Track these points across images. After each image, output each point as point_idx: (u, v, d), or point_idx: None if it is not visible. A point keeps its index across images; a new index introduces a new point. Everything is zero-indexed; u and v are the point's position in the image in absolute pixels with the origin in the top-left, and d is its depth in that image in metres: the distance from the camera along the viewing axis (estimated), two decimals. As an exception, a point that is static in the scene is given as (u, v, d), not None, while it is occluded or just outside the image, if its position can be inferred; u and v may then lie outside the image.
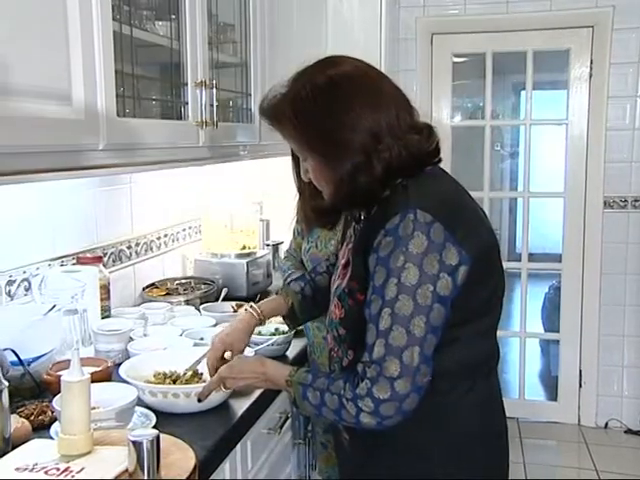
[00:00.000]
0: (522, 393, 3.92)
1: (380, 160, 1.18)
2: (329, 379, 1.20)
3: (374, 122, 1.18)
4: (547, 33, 3.59)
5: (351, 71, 1.24)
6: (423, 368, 1.13)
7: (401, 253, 1.12)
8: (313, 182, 1.28)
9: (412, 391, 1.12)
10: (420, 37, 3.70)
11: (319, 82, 1.21)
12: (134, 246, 2.34)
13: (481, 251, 1.18)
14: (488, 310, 1.25)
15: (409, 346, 1.11)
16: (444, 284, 1.12)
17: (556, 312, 3.93)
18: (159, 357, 1.61)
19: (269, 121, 1.28)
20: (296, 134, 1.24)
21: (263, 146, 2.30)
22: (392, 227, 1.13)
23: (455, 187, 1.28)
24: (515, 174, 6.73)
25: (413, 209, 1.13)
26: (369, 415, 1.13)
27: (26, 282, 1.80)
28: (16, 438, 1.23)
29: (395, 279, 1.12)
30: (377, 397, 1.11)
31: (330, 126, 1.19)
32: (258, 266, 2.59)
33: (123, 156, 1.52)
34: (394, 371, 1.11)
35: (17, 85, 1.16)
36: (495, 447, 1.31)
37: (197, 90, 1.80)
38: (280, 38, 2.39)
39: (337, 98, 1.20)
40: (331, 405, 1.18)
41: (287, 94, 1.24)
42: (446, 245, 1.12)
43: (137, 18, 1.68)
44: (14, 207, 1.76)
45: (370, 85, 1.23)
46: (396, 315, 1.12)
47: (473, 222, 1.21)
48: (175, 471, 1.07)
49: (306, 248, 2.02)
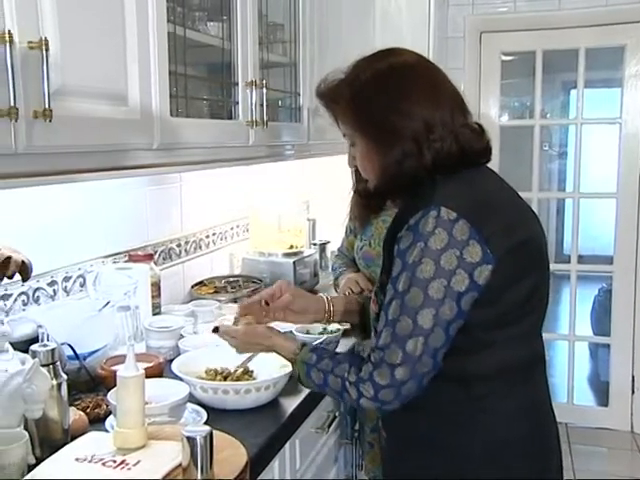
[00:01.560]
0: (571, 397, 3.83)
1: (430, 149, 1.18)
2: (333, 361, 1.21)
3: (429, 113, 1.18)
4: (601, 29, 3.49)
5: (412, 62, 1.25)
6: (425, 359, 1.12)
7: (418, 248, 1.12)
8: (359, 168, 1.29)
9: (411, 378, 1.12)
10: (469, 35, 3.66)
11: (380, 67, 1.23)
12: (183, 244, 2.37)
13: (512, 252, 1.15)
14: (526, 313, 1.21)
15: (414, 336, 1.11)
16: (459, 280, 1.11)
17: (606, 315, 3.83)
18: (210, 354, 1.62)
19: (325, 102, 1.30)
20: (351, 115, 1.24)
21: (310, 146, 2.31)
22: (413, 222, 1.14)
23: (492, 187, 1.26)
24: (563, 174, 6.59)
25: (437, 206, 1.12)
26: (369, 400, 1.15)
27: (81, 278, 1.85)
28: (74, 430, 1.26)
29: (409, 272, 1.12)
30: (377, 382, 1.13)
31: (386, 110, 1.19)
32: (305, 265, 2.60)
33: (175, 155, 1.55)
34: (395, 359, 1.11)
35: (74, 86, 1.19)
36: (535, 456, 1.26)
37: (247, 90, 1.82)
38: (329, 38, 2.39)
39: (396, 84, 1.21)
40: (334, 386, 1.20)
41: (347, 77, 1.25)
42: (470, 242, 1.11)
43: (190, 19, 1.71)
44: (68, 205, 1.81)
45: (429, 78, 1.24)
46: (405, 306, 1.12)
47: (508, 223, 1.18)
48: (227, 467, 1.08)
49: (359, 246, 2.02)
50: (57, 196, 1.75)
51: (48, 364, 1.20)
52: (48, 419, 1.20)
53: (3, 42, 1.00)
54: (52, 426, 1.20)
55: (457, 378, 1.19)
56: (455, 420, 1.20)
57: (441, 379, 1.15)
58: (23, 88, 1.05)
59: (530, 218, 1.27)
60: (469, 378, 1.19)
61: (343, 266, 2.10)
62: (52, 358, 1.22)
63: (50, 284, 1.75)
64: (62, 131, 1.15)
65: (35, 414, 1.17)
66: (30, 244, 1.48)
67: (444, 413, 1.21)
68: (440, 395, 1.18)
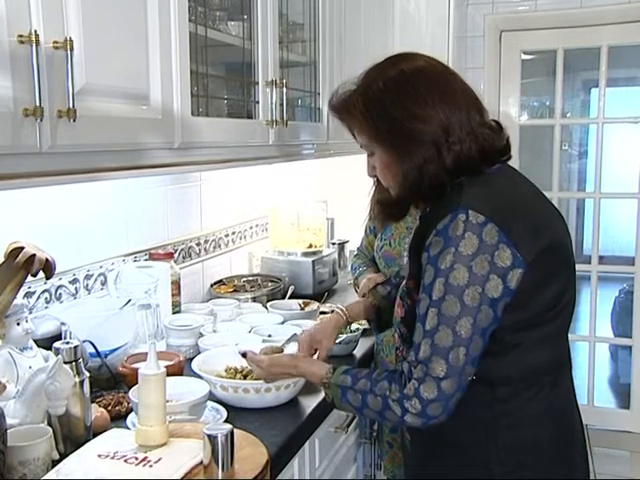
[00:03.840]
0: (591, 399, 3.79)
1: (450, 152, 1.17)
2: (371, 380, 1.19)
3: (445, 116, 1.17)
4: (625, 27, 3.44)
5: (423, 66, 1.24)
6: (468, 369, 1.11)
7: (450, 254, 1.10)
8: (379, 177, 1.28)
9: (457, 390, 1.11)
10: (488, 35, 3.63)
11: (391, 74, 1.21)
12: (203, 243, 2.38)
13: (540, 255, 1.14)
14: (553, 316, 1.20)
15: (455, 347, 1.10)
16: (493, 286, 1.10)
17: (627, 316, 3.78)
18: (230, 353, 1.63)
19: (339, 114, 1.29)
20: (366, 125, 1.23)
21: (330, 145, 2.31)
22: (442, 227, 1.12)
23: (516, 187, 1.25)
24: (583, 174, 6.53)
25: (464, 209, 1.11)
26: (415, 416, 1.12)
27: (102, 277, 1.87)
28: (96, 427, 1.27)
29: (443, 279, 1.11)
30: (424, 397, 1.11)
31: (400, 116, 1.18)
32: (324, 265, 2.60)
33: (195, 155, 1.55)
34: (440, 371, 1.10)
35: (97, 86, 1.20)
36: (559, 461, 1.25)
37: (267, 89, 1.82)
38: (348, 37, 2.39)
39: (409, 90, 1.19)
40: (374, 407, 1.17)
41: (358, 87, 1.24)
42: (499, 246, 1.10)
43: (211, 19, 1.71)
44: (90, 204, 1.83)
45: (441, 81, 1.22)
46: (443, 315, 1.11)
47: (534, 225, 1.17)
48: (248, 466, 1.08)
49: (379, 245, 2.02)
50: (80, 195, 1.76)
51: (71, 361, 1.22)
52: (71, 415, 1.21)
53: (29, 42, 1.01)
54: (75, 422, 1.22)
55: (483, 381, 1.17)
56: (479, 423, 1.19)
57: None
58: (48, 88, 1.06)
59: (555, 219, 1.26)
60: (494, 381, 1.18)
61: (363, 266, 2.09)
62: (75, 355, 1.23)
63: (72, 282, 1.77)
64: (85, 130, 1.16)
65: (58, 410, 1.18)
66: (53, 242, 1.49)
67: (469, 416, 1.20)
68: (465, 397, 1.17)
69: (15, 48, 1.00)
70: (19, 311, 1.30)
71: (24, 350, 1.32)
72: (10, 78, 1.00)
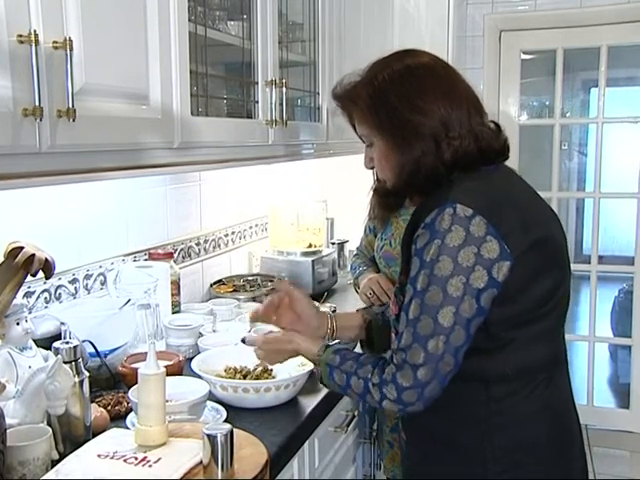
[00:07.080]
0: (591, 399, 3.79)
1: (450, 147, 1.19)
2: (357, 362, 1.21)
3: (446, 112, 1.19)
4: (624, 27, 3.43)
5: (428, 62, 1.26)
6: (447, 358, 1.11)
7: (435, 245, 1.11)
8: (376, 168, 1.30)
9: (434, 378, 1.11)
10: (488, 34, 3.63)
11: (397, 67, 1.23)
12: (202, 243, 2.38)
13: (530, 250, 1.14)
14: (546, 312, 1.20)
15: (435, 335, 1.11)
16: (478, 276, 1.11)
17: (627, 316, 3.78)
18: (229, 352, 1.63)
19: (342, 103, 1.30)
20: (369, 113, 1.24)
21: (330, 145, 2.31)
22: (429, 221, 1.14)
23: (509, 185, 1.25)
24: (582, 174, 6.53)
25: (452, 204, 1.12)
26: (392, 402, 1.14)
27: (102, 276, 1.87)
28: (95, 426, 1.27)
29: (428, 270, 1.12)
30: (400, 384, 1.12)
31: (402, 107, 1.20)
32: (324, 264, 2.60)
33: (195, 154, 1.55)
34: (417, 359, 1.11)
35: (97, 85, 1.20)
36: (554, 460, 1.24)
37: (267, 89, 1.82)
38: (348, 37, 2.39)
39: (413, 84, 1.21)
40: (356, 389, 1.19)
41: (363, 78, 1.26)
42: (487, 238, 1.11)
43: (210, 18, 1.71)
44: (90, 204, 1.82)
45: (446, 79, 1.24)
46: (425, 305, 1.12)
47: (525, 220, 1.17)
48: (247, 466, 1.08)
49: (379, 245, 2.02)
50: (79, 195, 1.76)
51: (70, 361, 1.22)
52: (70, 415, 1.21)
53: (29, 42, 1.01)
54: (74, 422, 1.22)
55: (477, 379, 1.18)
56: (474, 421, 1.20)
57: (461, 380, 1.15)
58: (47, 88, 1.06)
59: (549, 217, 1.26)
60: (489, 379, 1.19)
61: (363, 265, 2.09)
62: (74, 355, 1.23)
63: (71, 282, 1.77)
64: (85, 130, 1.16)
65: (58, 410, 1.18)
66: (52, 242, 1.49)
67: (463, 414, 1.21)
68: (460, 396, 1.18)
69: (14, 48, 1.00)
70: (19, 311, 1.30)
71: (24, 350, 1.32)
72: (9, 78, 1.00)
